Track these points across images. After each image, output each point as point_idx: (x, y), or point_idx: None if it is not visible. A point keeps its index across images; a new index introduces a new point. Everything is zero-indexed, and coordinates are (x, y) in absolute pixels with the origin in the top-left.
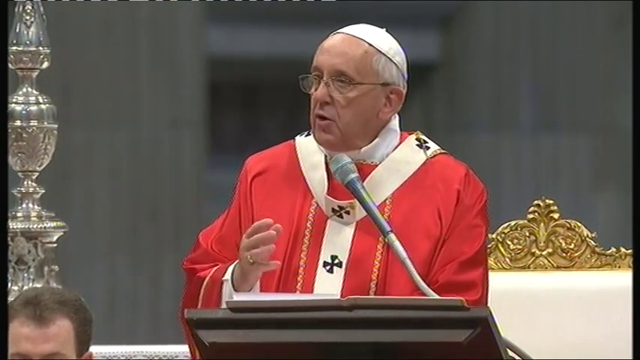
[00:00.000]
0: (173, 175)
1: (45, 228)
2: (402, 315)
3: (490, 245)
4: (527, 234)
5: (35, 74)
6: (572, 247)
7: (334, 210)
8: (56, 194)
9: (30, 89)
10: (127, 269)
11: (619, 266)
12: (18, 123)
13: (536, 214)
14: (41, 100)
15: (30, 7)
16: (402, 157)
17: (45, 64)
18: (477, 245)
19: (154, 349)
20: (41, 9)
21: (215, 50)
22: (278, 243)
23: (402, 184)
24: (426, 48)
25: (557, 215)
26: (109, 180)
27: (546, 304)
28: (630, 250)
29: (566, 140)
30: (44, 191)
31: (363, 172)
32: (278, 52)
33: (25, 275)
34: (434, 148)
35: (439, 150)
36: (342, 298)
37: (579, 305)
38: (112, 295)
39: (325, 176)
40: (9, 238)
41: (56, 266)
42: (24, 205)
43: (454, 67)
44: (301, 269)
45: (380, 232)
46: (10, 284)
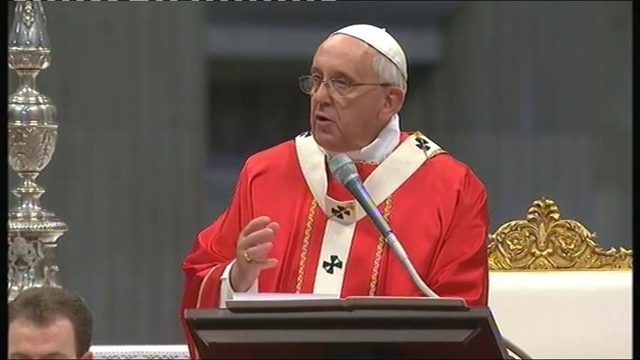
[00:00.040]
0: (173, 175)
1: (45, 228)
2: (402, 315)
3: (490, 245)
4: (527, 234)
5: (35, 74)
6: (572, 247)
7: (334, 210)
8: (56, 194)
9: (30, 89)
10: (127, 269)
11: (619, 266)
12: (18, 123)
13: (536, 214)
14: (41, 101)
15: (30, 7)
16: (402, 157)
17: (45, 64)
18: (477, 245)
19: (154, 349)
20: (41, 9)
21: (215, 50)
22: (278, 243)
23: (402, 184)
24: (426, 48)
25: (557, 215)
26: (109, 180)
27: (546, 304)
28: (630, 250)
29: (566, 140)
30: (44, 191)
31: (363, 172)
32: (278, 52)
33: (25, 275)
34: (434, 148)
35: (439, 150)
36: (342, 298)
37: (579, 305)
38: (112, 295)
39: (325, 176)
40: (9, 238)
41: (56, 266)
42: (24, 206)
43: (454, 67)
44: (301, 269)
45: (380, 233)
46: (10, 284)
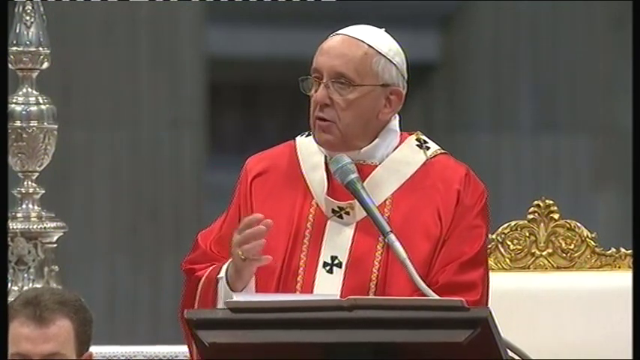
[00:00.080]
0: (173, 175)
1: (45, 228)
2: (402, 315)
3: (490, 246)
4: (527, 234)
5: (35, 74)
6: (572, 247)
7: (334, 210)
8: (56, 194)
9: (30, 90)
10: (127, 269)
11: (619, 266)
12: (18, 123)
13: (536, 214)
14: (41, 101)
15: (30, 8)
16: (402, 157)
17: (45, 64)
18: (477, 246)
19: (153, 349)
20: (41, 9)
21: (215, 50)
22: (278, 243)
23: (402, 184)
24: (426, 48)
25: (557, 215)
26: (109, 180)
27: (546, 304)
28: (630, 250)
29: (566, 140)
30: (44, 191)
31: (363, 172)
32: (278, 52)
33: (25, 275)
34: (434, 148)
35: (439, 150)
36: (342, 298)
37: (579, 305)
38: (112, 295)
39: (325, 177)
40: (9, 238)
41: (56, 266)
42: (24, 206)
43: (454, 67)
44: (301, 269)
45: (380, 233)
46: (10, 284)
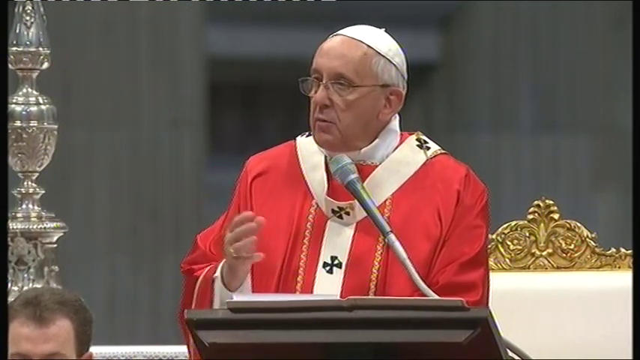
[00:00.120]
0: (173, 175)
1: (45, 228)
2: (402, 315)
3: (490, 246)
4: (527, 234)
5: (35, 75)
6: (572, 247)
7: (334, 211)
8: (56, 194)
9: (30, 90)
10: (127, 269)
11: (619, 266)
12: (18, 123)
13: (536, 214)
14: (41, 101)
15: (30, 8)
16: (402, 157)
17: (45, 64)
18: (477, 246)
19: (153, 349)
20: (41, 9)
21: (215, 50)
22: (278, 243)
23: (402, 184)
24: (426, 48)
25: (557, 215)
26: (109, 180)
27: (546, 304)
28: (630, 251)
29: (566, 140)
30: (44, 192)
31: (363, 172)
32: (278, 52)
33: (25, 276)
34: (434, 148)
35: (439, 150)
36: (342, 298)
37: (579, 305)
38: (112, 295)
39: (325, 177)
40: (9, 238)
41: (56, 266)
42: (24, 206)
43: (454, 67)
44: (301, 270)
45: (380, 233)
46: (10, 284)
